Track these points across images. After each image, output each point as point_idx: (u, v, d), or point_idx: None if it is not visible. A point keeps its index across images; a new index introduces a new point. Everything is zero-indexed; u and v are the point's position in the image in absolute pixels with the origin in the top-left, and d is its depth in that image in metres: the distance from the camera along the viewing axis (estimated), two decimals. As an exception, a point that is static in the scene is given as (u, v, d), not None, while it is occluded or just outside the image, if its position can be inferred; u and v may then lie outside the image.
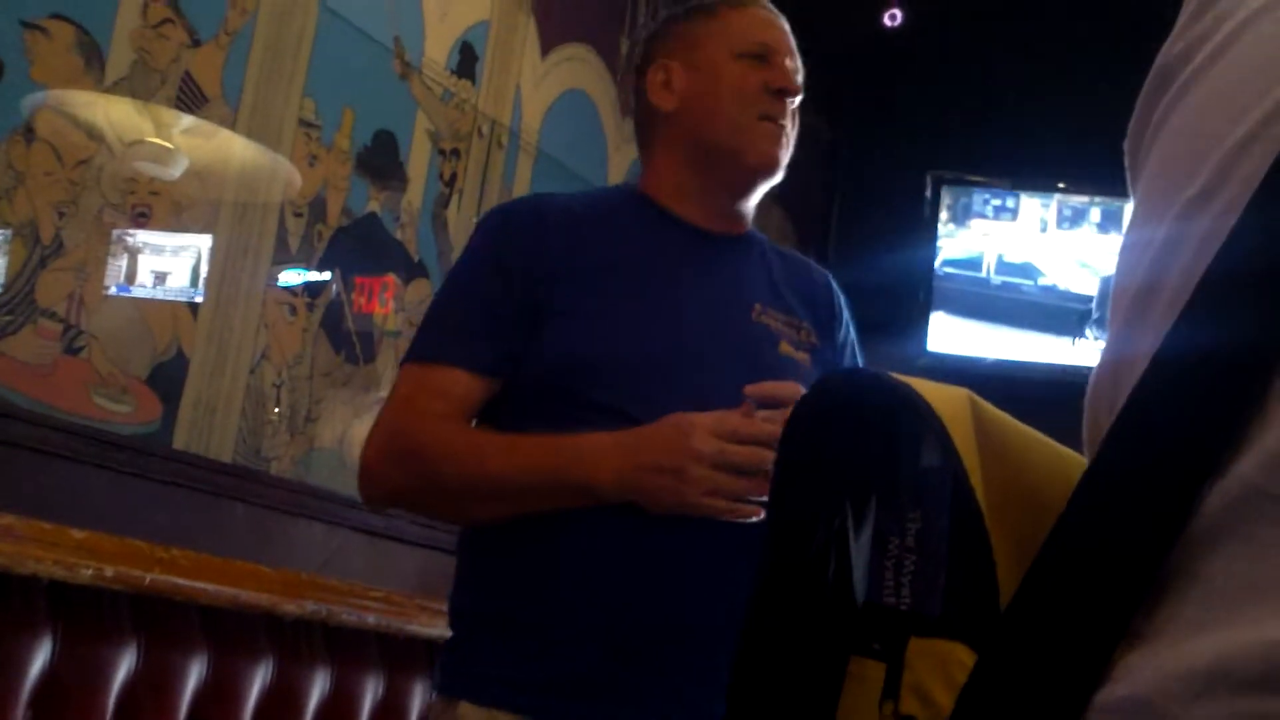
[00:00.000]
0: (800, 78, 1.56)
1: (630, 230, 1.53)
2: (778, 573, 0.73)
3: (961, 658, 0.60)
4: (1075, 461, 0.69)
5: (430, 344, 1.48)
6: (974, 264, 4.01)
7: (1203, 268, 0.49)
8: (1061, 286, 3.89)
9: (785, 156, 1.53)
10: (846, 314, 1.64)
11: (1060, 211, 3.93)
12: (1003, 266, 3.99)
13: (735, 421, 1.33)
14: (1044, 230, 3.95)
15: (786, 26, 1.59)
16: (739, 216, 1.57)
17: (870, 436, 0.71)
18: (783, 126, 1.52)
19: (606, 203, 1.60)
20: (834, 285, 1.65)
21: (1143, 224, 0.57)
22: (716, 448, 1.31)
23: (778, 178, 1.55)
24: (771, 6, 1.62)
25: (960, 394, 0.68)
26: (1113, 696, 0.46)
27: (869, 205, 4.28)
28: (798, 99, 1.55)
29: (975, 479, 0.63)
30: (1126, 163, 0.63)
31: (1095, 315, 3.79)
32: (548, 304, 1.44)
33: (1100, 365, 0.58)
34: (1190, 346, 0.48)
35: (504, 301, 1.45)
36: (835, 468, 0.72)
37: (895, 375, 0.70)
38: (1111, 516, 0.49)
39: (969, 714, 0.53)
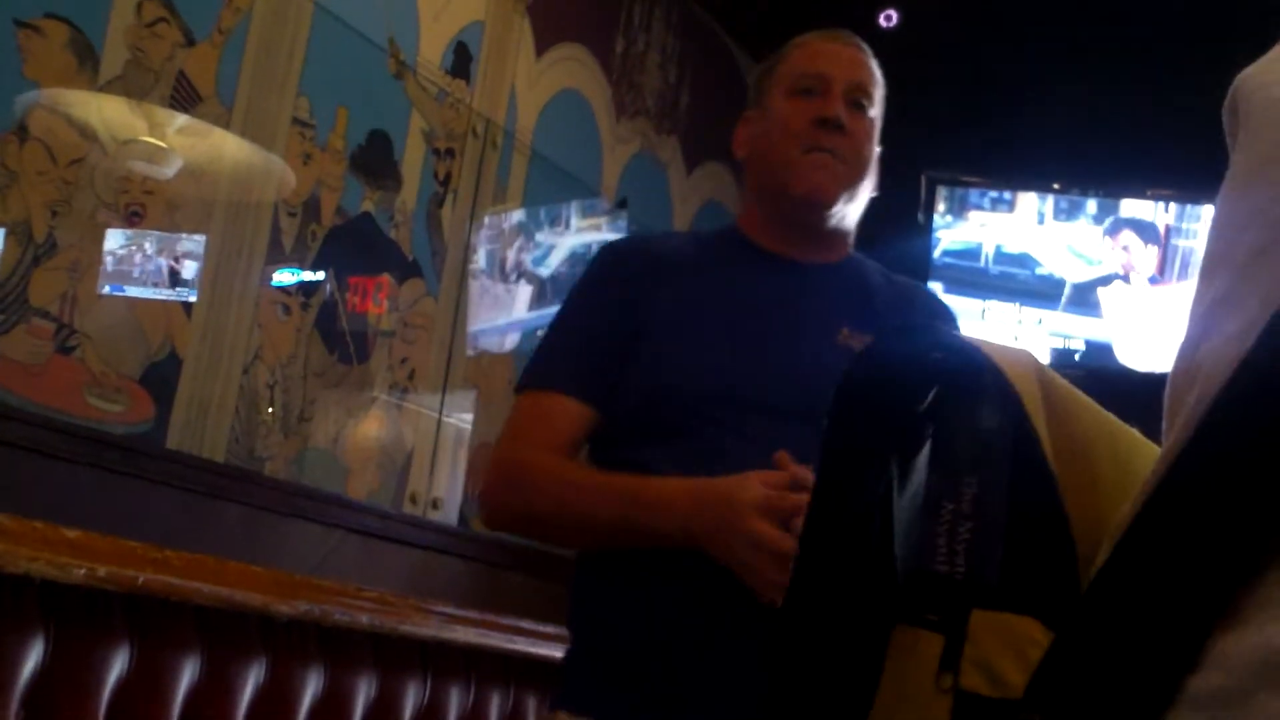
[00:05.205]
0: (872, 98, 1.57)
1: (723, 265, 1.59)
2: (822, 532, 0.70)
3: (1035, 635, 0.57)
4: (1126, 432, 0.67)
5: (542, 373, 1.55)
6: (973, 254, 4.03)
7: None
8: (1058, 275, 3.92)
9: (838, 183, 1.54)
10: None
11: (1057, 204, 3.94)
12: (1001, 257, 4.01)
13: (779, 502, 1.31)
14: (1041, 222, 3.97)
15: (850, 51, 1.60)
16: (822, 246, 1.59)
17: (925, 393, 0.67)
18: (830, 154, 1.53)
19: (707, 241, 1.68)
20: (936, 306, 1.68)
21: (1252, 185, 0.53)
22: (768, 532, 1.30)
23: (836, 205, 1.55)
24: (841, 35, 1.63)
25: (1026, 355, 0.65)
26: (1206, 685, 0.43)
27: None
28: (871, 122, 1.57)
29: (1046, 446, 0.60)
30: (1225, 122, 0.60)
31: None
32: (646, 334, 1.50)
33: (1189, 333, 0.54)
34: None
35: (612, 334, 1.52)
36: (888, 424, 0.69)
37: (960, 333, 0.67)
38: (1217, 491, 0.45)
39: (1047, 696, 0.49)
